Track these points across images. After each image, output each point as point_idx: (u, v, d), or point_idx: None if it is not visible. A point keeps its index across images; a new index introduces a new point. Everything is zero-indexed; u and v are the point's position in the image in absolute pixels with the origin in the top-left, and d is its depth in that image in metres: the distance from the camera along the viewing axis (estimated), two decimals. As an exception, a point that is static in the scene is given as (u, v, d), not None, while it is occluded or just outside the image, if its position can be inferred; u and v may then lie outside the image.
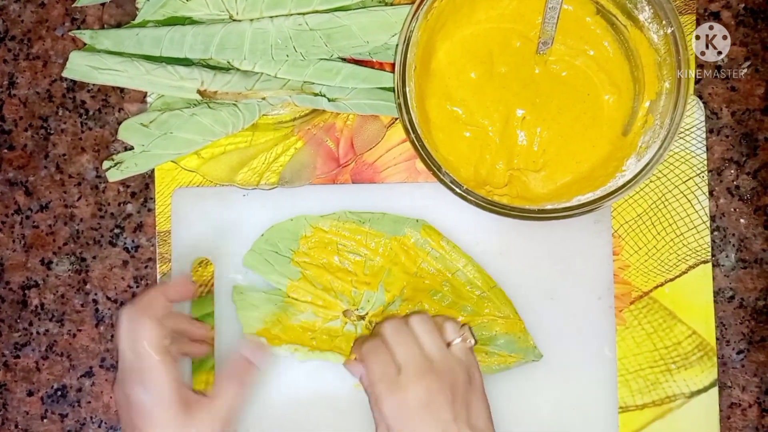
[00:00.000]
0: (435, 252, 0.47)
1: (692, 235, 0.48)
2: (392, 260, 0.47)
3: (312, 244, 0.47)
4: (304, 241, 0.47)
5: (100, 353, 0.50)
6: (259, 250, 0.47)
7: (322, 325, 0.47)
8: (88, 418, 0.50)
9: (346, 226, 0.47)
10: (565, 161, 0.45)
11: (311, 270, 0.47)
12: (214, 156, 0.48)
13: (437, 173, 0.41)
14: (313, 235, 0.47)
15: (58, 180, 0.51)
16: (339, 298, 0.47)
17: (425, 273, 0.47)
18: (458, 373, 0.40)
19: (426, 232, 0.47)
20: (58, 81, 0.51)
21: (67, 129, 0.51)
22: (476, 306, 0.46)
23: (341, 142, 0.48)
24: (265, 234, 0.47)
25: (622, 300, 0.48)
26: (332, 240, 0.47)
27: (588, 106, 0.45)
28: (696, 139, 0.48)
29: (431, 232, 0.47)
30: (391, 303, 0.47)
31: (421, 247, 0.47)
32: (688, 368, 0.47)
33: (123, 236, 0.50)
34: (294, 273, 0.47)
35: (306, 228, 0.47)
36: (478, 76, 0.45)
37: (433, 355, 0.41)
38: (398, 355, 0.40)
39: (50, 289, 0.50)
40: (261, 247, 0.47)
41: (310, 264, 0.47)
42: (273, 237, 0.47)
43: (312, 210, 0.48)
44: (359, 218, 0.47)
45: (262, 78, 0.46)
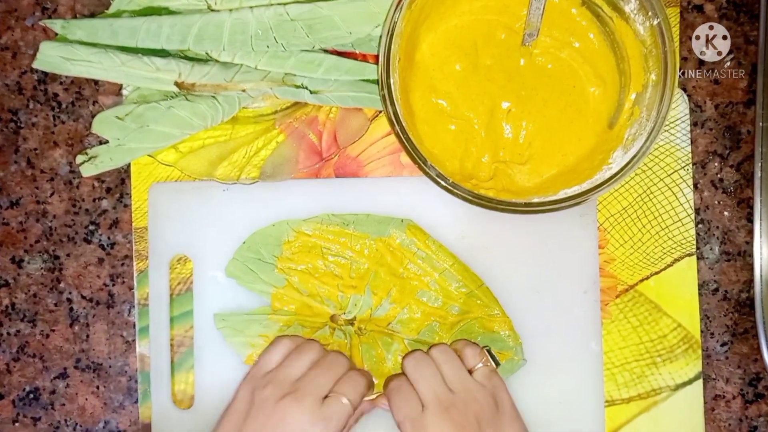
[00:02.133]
0: (421, 252, 0.46)
1: (677, 227, 0.48)
2: (378, 262, 0.46)
3: (295, 249, 0.46)
4: (287, 246, 0.46)
5: (74, 354, 0.48)
6: (241, 258, 0.46)
7: (311, 335, 0.46)
8: (63, 421, 0.48)
9: (330, 228, 0.46)
10: (550, 154, 0.45)
11: (296, 276, 0.46)
12: (193, 150, 0.46)
13: (422, 166, 0.40)
14: (296, 239, 0.46)
15: (30, 175, 0.49)
16: (326, 304, 0.46)
17: (412, 274, 0.46)
18: (483, 401, 0.40)
19: (411, 231, 0.46)
20: (29, 73, 0.49)
21: (39, 123, 0.49)
22: (464, 305, 0.46)
23: (324, 135, 0.47)
24: (247, 241, 0.46)
25: (608, 293, 0.48)
26: (316, 244, 0.46)
27: (573, 98, 0.44)
28: (680, 132, 0.48)
29: (417, 232, 0.46)
30: (379, 306, 0.46)
31: (407, 248, 0.46)
32: (673, 361, 0.47)
33: (98, 233, 0.49)
34: (279, 280, 0.46)
35: (288, 233, 0.46)
36: (463, 68, 0.44)
37: (456, 387, 0.40)
38: (421, 391, 0.40)
39: (22, 288, 0.49)
40: (243, 254, 0.46)
41: (294, 270, 0.46)
42: (255, 243, 0.46)
43: (295, 206, 0.47)
44: (343, 220, 0.46)
45: (242, 70, 0.45)
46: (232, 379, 0.46)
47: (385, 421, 0.45)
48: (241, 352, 0.46)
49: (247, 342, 0.46)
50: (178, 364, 0.47)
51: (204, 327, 0.47)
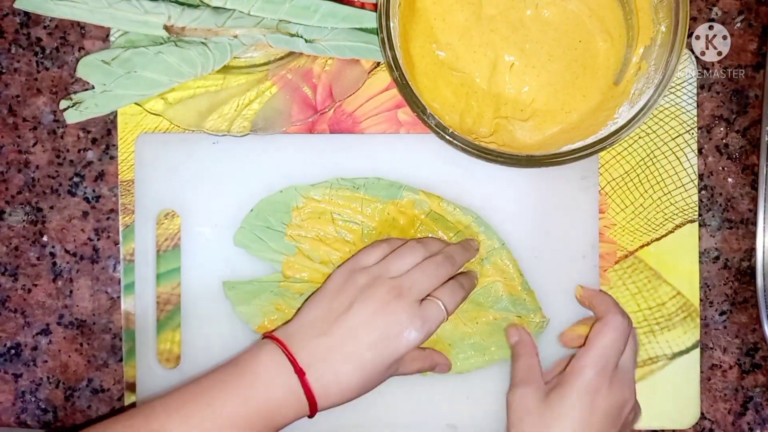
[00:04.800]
0: (435, 214, 0.44)
1: (680, 193, 0.47)
2: (390, 225, 0.44)
3: (305, 216, 0.44)
4: (296, 213, 0.44)
5: (57, 310, 0.47)
6: (249, 227, 0.44)
7: None
8: (45, 378, 0.47)
9: (340, 193, 0.44)
10: (554, 111, 0.43)
11: (307, 243, 0.44)
12: (182, 100, 0.45)
13: (421, 116, 0.39)
14: (305, 205, 0.44)
15: (11, 123, 0.47)
16: None
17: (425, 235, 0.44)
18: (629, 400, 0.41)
19: (425, 194, 0.44)
20: (10, 15, 0.47)
21: (21, 68, 0.47)
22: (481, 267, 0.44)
23: (319, 88, 0.45)
24: (255, 209, 0.44)
25: (607, 259, 0.46)
26: (326, 210, 0.44)
27: (579, 53, 0.43)
28: (686, 95, 0.47)
29: (430, 195, 0.44)
30: None
31: (420, 209, 0.44)
32: (671, 329, 0.46)
33: (83, 185, 0.47)
34: (289, 248, 0.44)
35: (297, 199, 0.44)
36: (466, 18, 0.43)
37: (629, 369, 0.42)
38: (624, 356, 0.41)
39: (3, 240, 0.47)
40: (251, 222, 0.44)
41: (305, 237, 0.44)
42: (263, 211, 0.44)
43: (288, 161, 0.45)
44: (353, 184, 0.44)
45: (234, 15, 0.43)
46: (219, 338, 0.45)
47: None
48: (251, 321, 0.44)
49: (257, 311, 0.44)
50: (164, 323, 0.46)
51: (191, 285, 0.45)
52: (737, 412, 0.47)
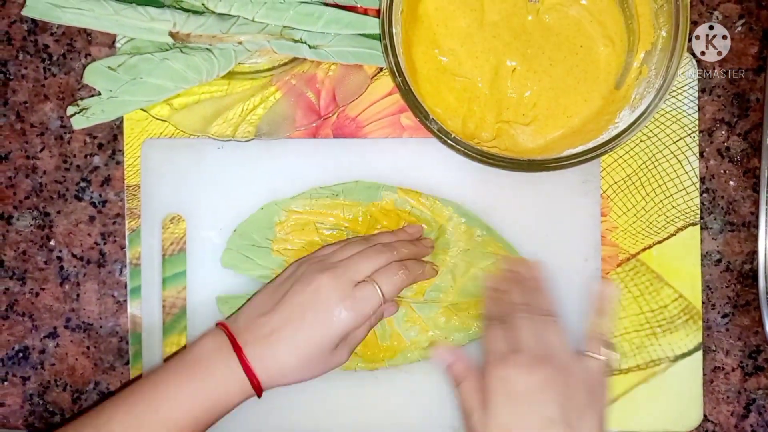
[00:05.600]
0: (416, 210, 0.45)
1: (681, 196, 0.47)
2: (373, 227, 0.45)
3: (289, 229, 0.45)
4: (279, 228, 0.45)
5: (64, 313, 0.47)
6: (235, 247, 0.45)
7: None
8: (53, 381, 0.47)
9: (320, 202, 0.45)
10: (555, 115, 0.43)
11: (293, 255, 0.45)
12: (187, 105, 0.45)
13: (424, 121, 0.39)
14: (287, 219, 0.45)
15: (19, 129, 0.48)
16: None
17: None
18: (580, 380, 0.37)
19: (403, 191, 0.45)
20: (18, 22, 0.47)
21: (29, 75, 0.48)
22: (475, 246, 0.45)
23: (322, 93, 0.46)
24: (238, 229, 0.45)
25: (609, 262, 0.47)
26: (309, 220, 0.45)
27: (581, 58, 0.43)
28: (688, 99, 0.47)
29: (408, 191, 0.45)
30: None
31: (401, 207, 0.45)
32: (673, 332, 0.46)
33: (89, 190, 0.48)
34: (277, 263, 0.45)
35: (279, 213, 0.45)
36: (468, 24, 0.43)
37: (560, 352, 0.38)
38: (523, 338, 0.38)
39: (10, 245, 0.48)
40: (237, 243, 0.45)
41: (291, 250, 0.45)
42: (247, 230, 0.45)
43: (292, 166, 0.46)
44: (331, 191, 0.45)
45: (239, 21, 0.44)
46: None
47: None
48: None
49: None
50: (169, 326, 0.46)
51: (197, 288, 0.46)
52: (740, 414, 0.47)
